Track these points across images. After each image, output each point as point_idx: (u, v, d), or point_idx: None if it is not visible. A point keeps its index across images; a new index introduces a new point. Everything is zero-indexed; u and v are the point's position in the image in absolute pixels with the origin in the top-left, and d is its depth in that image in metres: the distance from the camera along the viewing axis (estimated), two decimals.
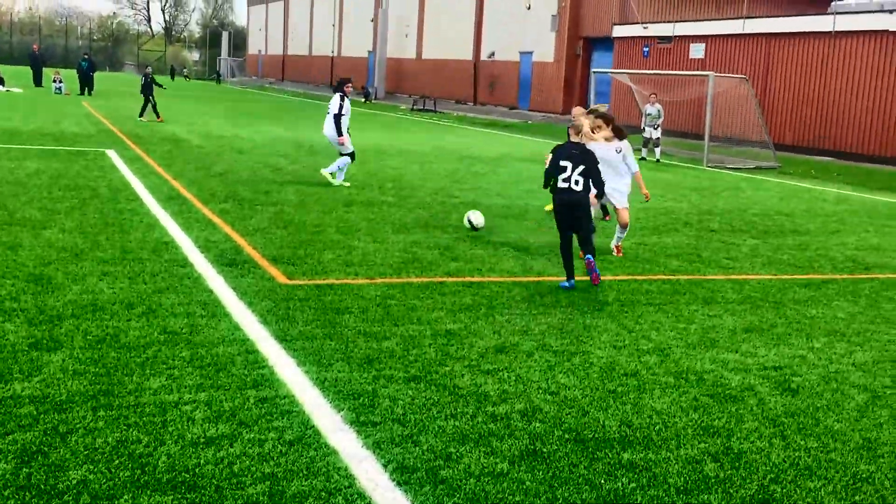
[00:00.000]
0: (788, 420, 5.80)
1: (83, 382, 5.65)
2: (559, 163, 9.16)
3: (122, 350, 6.32)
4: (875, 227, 15.17)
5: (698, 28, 39.71)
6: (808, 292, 9.72)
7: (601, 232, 11.94)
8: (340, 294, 8.27)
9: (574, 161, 9.08)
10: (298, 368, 6.17)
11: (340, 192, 15.18)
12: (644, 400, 6.01)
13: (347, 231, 11.54)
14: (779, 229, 14.17)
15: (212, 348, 6.46)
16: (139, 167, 16.91)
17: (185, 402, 5.44)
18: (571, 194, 9.10)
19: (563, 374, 6.42)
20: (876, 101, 30.90)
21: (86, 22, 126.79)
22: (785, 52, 34.68)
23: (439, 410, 5.57)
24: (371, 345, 6.81)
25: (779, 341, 7.67)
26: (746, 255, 11.73)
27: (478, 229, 11.94)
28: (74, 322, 6.90)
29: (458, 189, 16.61)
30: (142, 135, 23.84)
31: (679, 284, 9.67)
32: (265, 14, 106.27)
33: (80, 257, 9.09)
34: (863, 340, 7.88)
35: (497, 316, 7.88)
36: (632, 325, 7.89)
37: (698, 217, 14.96)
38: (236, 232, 10.99)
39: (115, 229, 10.68)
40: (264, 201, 13.61)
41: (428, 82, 63.80)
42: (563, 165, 9.12)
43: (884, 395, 6.41)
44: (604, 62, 46.35)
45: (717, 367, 6.84)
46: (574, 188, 9.07)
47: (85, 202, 12.49)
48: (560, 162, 9.15)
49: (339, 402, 5.59)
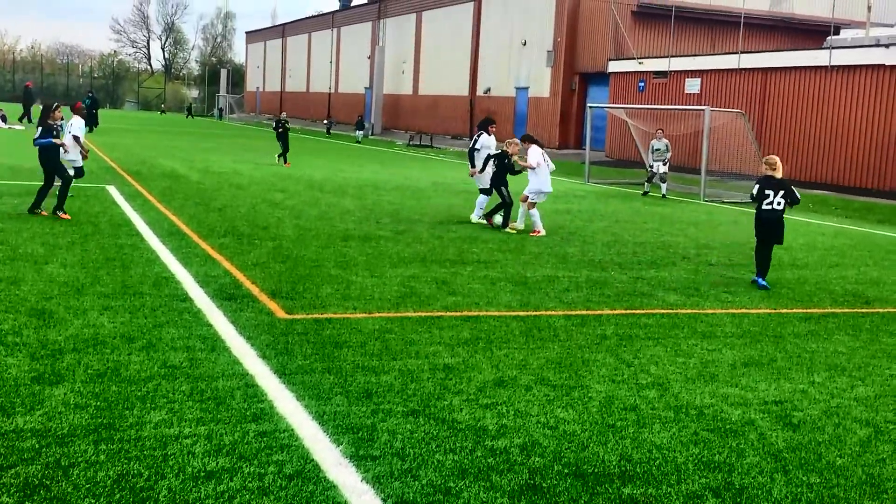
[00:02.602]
0: (790, 455, 5.80)
1: (84, 416, 5.65)
2: (764, 191, 12.04)
3: (122, 384, 6.32)
4: (874, 261, 15.21)
5: (694, 63, 40.04)
6: (808, 326, 9.73)
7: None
8: (339, 328, 8.28)
9: (775, 189, 11.98)
10: (298, 402, 6.17)
11: (337, 227, 15.23)
12: (644, 434, 6.00)
13: (345, 265, 11.57)
14: (777, 263, 14.18)
15: (212, 382, 6.47)
16: (139, 203, 16.98)
17: (185, 435, 5.44)
18: (773, 213, 12.04)
19: (562, 409, 6.42)
20: (873, 134, 31.09)
21: (87, 60, 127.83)
22: (781, 87, 34.94)
23: (438, 444, 5.57)
24: (370, 379, 6.81)
25: (779, 375, 7.67)
26: (745, 288, 11.75)
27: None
28: (76, 356, 6.91)
29: (455, 223, 16.66)
30: (141, 171, 23.95)
31: (678, 318, 9.69)
32: (263, 51, 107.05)
33: (81, 292, 9.11)
34: (864, 375, 7.88)
35: (495, 350, 7.89)
36: (630, 359, 7.90)
37: (696, 251, 15.01)
38: (235, 266, 11.01)
39: (115, 264, 10.71)
40: (263, 236, 13.65)
41: (424, 118, 64.20)
42: (767, 193, 11.99)
43: (886, 430, 6.40)
44: (600, 97, 46.68)
45: (717, 401, 6.83)
46: (776, 208, 12.00)
47: (86, 237, 12.53)
48: (765, 190, 12.04)
49: (339, 436, 5.59)
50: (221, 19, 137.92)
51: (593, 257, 13.56)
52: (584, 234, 16.19)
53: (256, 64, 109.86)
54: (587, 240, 15.50)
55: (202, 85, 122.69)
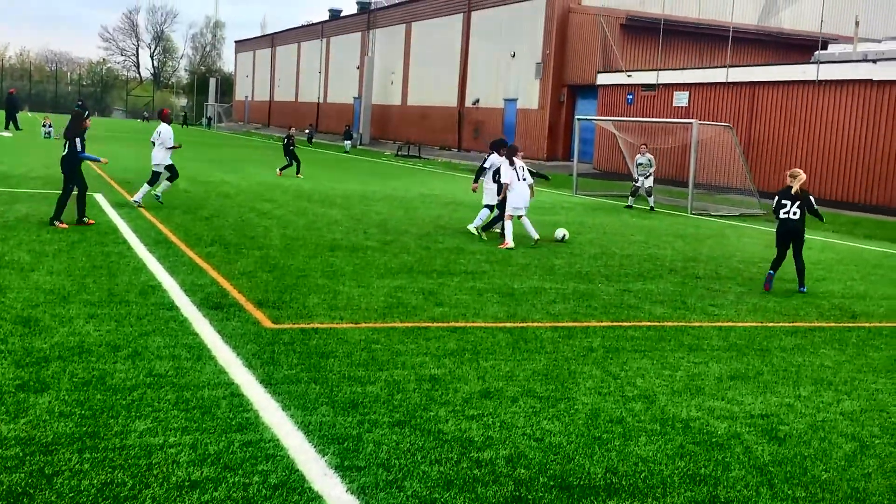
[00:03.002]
0: (776, 469, 5.81)
1: (69, 424, 5.62)
2: (781, 201, 12.91)
3: (108, 392, 6.29)
4: (861, 275, 15.28)
5: (682, 76, 40.22)
6: (795, 340, 9.76)
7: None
8: (325, 338, 8.27)
9: (792, 200, 12.86)
10: (283, 412, 6.15)
11: (325, 237, 15.21)
12: (630, 447, 6.00)
13: (332, 275, 11.55)
14: (764, 276, 14.25)
15: (197, 391, 6.44)
16: (127, 211, 16.93)
17: (170, 444, 5.41)
18: (789, 222, 12.89)
19: (548, 420, 6.41)
20: (860, 149, 31.27)
21: (76, 68, 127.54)
22: (769, 101, 35.12)
23: (424, 455, 5.56)
24: (356, 389, 6.79)
25: (765, 389, 7.69)
26: (732, 301, 11.79)
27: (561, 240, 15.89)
28: (61, 364, 6.87)
29: (443, 234, 16.67)
30: (129, 179, 23.87)
31: (664, 331, 9.70)
32: (252, 61, 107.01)
33: (67, 300, 9.07)
34: (850, 389, 7.90)
35: (482, 361, 7.88)
36: (617, 371, 7.90)
37: (683, 264, 15.05)
38: (222, 276, 10.98)
39: (102, 272, 10.67)
40: (250, 245, 13.62)
41: (413, 128, 64.24)
42: (784, 203, 12.87)
43: (872, 445, 6.41)
44: (588, 109, 46.83)
45: (704, 414, 6.84)
46: (791, 217, 12.85)
47: (73, 245, 12.48)
48: (782, 200, 12.95)
49: (324, 447, 5.57)
50: (211, 28, 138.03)
51: (580, 269, 13.58)
52: (571, 246, 16.21)
53: (245, 73, 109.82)
54: (574, 252, 15.53)
55: (191, 93, 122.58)
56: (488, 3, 56.90)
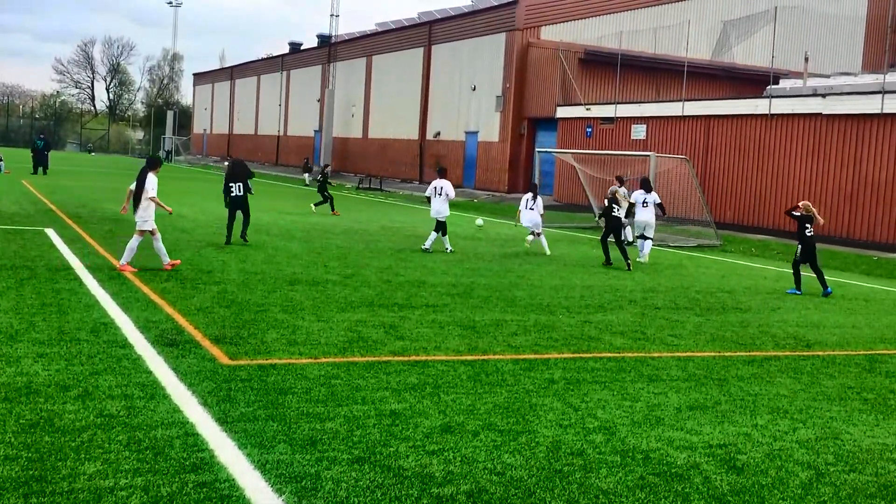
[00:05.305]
0: (734, 498, 5.79)
1: (15, 468, 5.46)
2: (804, 223, 16.47)
3: (56, 434, 6.12)
4: (815, 305, 15.45)
5: (640, 110, 40.73)
6: (752, 369, 9.81)
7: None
8: (284, 374, 8.15)
9: (810, 221, 16.89)
10: (239, 451, 6.03)
11: (284, 270, 15.08)
12: (590, 479, 5.96)
13: (292, 310, 11.44)
14: (721, 306, 14.35)
15: (150, 431, 6.30)
16: (79, 247, 16.67)
17: (120, 487, 5.27)
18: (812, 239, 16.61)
19: (509, 454, 6.36)
20: (811, 182, 31.79)
21: (28, 100, 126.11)
22: (723, 134, 35.65)
23: (384, 493, 5.47)
24: (314, 426, 6.69)
25: (723, 419, 7.70)
26: (690, 332, 11.84)
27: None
28: (7, 405, 6.69)
29: (404, 267, 16.61)
30: (82, 214, 23.57)
31: (624, 362, 9.71)
32: (211, 93, 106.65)
33: (14, 339, 8.87)
34: (805, 417, 7.94)
35: (442, 395, 7.81)
36: (578, 403, 7.88)
37: (643, 294, 15.12)
38: (178, 311, 10.82)
39: (52, 310, 10.46)
40: (207, 280, 13.47)
41: (374, 161, 64.30)
42: (806, 224, 16.62)
43: (827, 473, 6.44)
44: (548, 142, 47.17)
45: (663, 444, 6.83)
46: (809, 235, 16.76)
47: (22, 282, 12.24)
48: (805, 223, 16.71)
49: (281, 486, 5.46)
50: (168, 61, 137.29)
51: (541, 301, 13.58)
52: (532, 278, 16.23)
53: (204, 106, 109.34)
54: (535, 283, 15.54)
55: (147, 126, 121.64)
56: (449, 37, 57.31)
